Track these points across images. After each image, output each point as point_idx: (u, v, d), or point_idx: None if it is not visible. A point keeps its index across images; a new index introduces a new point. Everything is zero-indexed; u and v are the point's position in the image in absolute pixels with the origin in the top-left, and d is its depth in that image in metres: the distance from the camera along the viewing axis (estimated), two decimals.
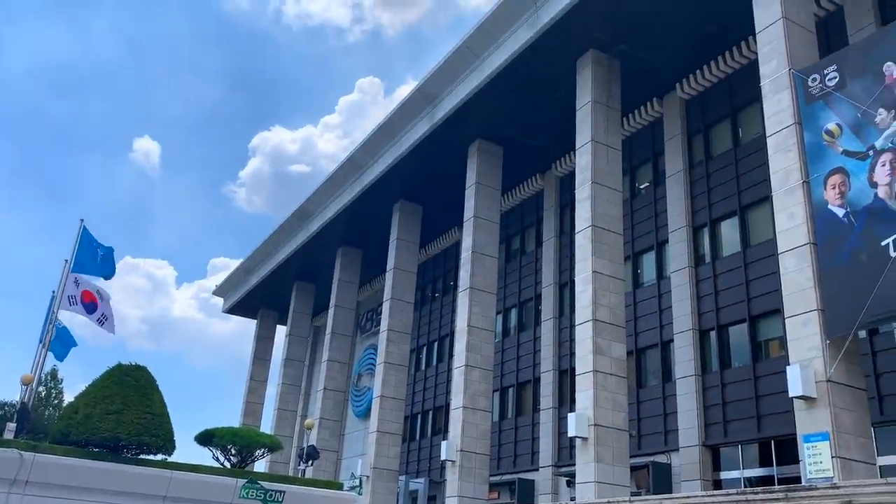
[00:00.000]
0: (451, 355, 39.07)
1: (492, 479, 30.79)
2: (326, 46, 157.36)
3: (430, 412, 42.65)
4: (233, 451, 17.18)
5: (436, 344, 44.18)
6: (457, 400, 29.65)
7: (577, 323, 24.29)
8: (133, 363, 15.43)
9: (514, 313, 37.51)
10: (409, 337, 38.32)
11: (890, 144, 16.64)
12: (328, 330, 44.28)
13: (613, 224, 25.24)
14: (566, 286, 33.44)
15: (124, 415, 14.41)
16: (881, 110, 16.98)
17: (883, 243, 16.12)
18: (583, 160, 25.99)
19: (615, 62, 27.23)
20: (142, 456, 15.00)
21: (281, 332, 55.63)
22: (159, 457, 15.28)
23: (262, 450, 17.94)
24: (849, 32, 22.61)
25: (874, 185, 16.72)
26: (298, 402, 51.88)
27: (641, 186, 31.27)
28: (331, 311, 44.57)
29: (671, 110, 29.53)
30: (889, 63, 17.07)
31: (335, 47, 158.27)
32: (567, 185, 34.44)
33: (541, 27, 26.05)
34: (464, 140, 33.24)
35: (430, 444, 41.42)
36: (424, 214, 39.70)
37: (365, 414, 46.56)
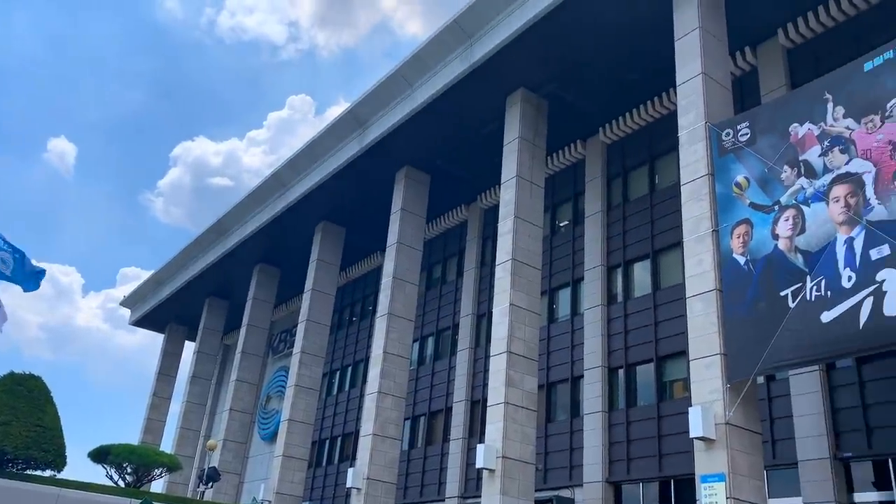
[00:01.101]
0: (364, 381, 38.70)
1: None
2: (259, 62, 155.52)
3: (339, 438, 41.98)
4: (129, 470, 16.47)
5: (349, 369, 43.67)
6: (367, 427, 29.32)
7: (491, 354, 24.50)
8: (27, 372, 14.65)
9: (430, 341, 37.52)
10: (323, 360, 37.76)
11: (794, 201, 17.63)
12: (239, 349, 43.16)
13: (533, 259, 25.71)
14: (483, 317, 33.74)
15: (12, 427, 13.65)
16: (786, 167, 18.01)
17: (782, 293, 16.97)
18: (507, 194, 26.46)
19: (543, 102, 27.98)
20: (29, 471, 14.18)
21: (189, 348, 53.92)
22: (48, 473, 14.49)
23: (161, 469, 17.27)
24: (762, 92, 23.97)
25: (776, 237, 17.64)
26: (203, 421, 50.20)
27: (561, 224, 32.03)
28: (243, 330, 43.50)
29: (593, 153, 30.48)
30: (795, 124, 18.17)
31: (268, 63, 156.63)
32: (490, 217, 34.93)
33: (474, 62, 26.57)
34: (392, 165, 33.33)
35: (336, 471, 40.70)
36: (347, 237, 39.45)
37: (271, 437, 45.42)
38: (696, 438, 17.00)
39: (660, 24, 22.63)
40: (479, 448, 22.70)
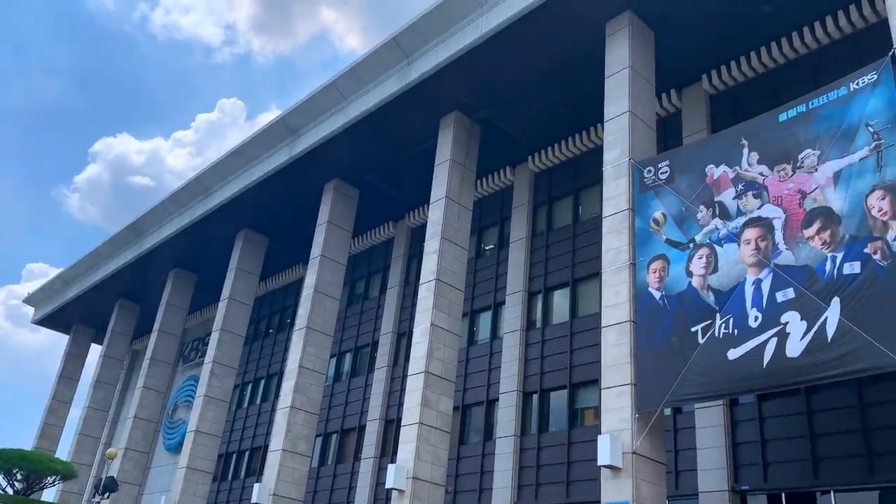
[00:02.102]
0: (277, 395, 37.86)
1: None
2: (192, 62, 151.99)
3: (247, 452, 40.86)
4: (19, 476, 15.58)
5: (262, 382, 42.68)
6: (276, 442, 28.65)
7: (409, 374, 24.39)
8: None
9: (348, 358, 37.11)
10: (235, 372, 36.79)
11: (708, 240, 18.34)
12: (148, 355, 41.63)
13: (456, 280, 25.84)
14: (404, 336, 33.61)
15: None
16: (702, 207, 18.74)
17: (693, 329, 17.58)
18: (435, 215, 26.56)
19: (476, 126, 28.31)
20: None
21: (95, 351, 51.66)
22: None
23: (54, 477, 16.43)
24: (683, 134, 24.94)
25: (690, 274, 18.30)
26: (104, 428, 48.03)
27: (487, 248, 32.34)
28: (153, 336, 42.00)
29: (522, 180, 30.99)
30: (712, 166, 18.96)
31: (201, 64, 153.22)
32: (417, 236, 34.96)
33: (410, 81, 26.68)
34: (321, 177, 32.99)
35: (241, 486, 39.55)
36: (269, 246, 38.74)
37: (176, 448, 43.80)
38: (604, 466, 17.32)
39: (592, 61, 23.29)
40: (391, 468, 22.50)
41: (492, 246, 32.10)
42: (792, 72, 23.30)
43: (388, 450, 31.50)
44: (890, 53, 16.16)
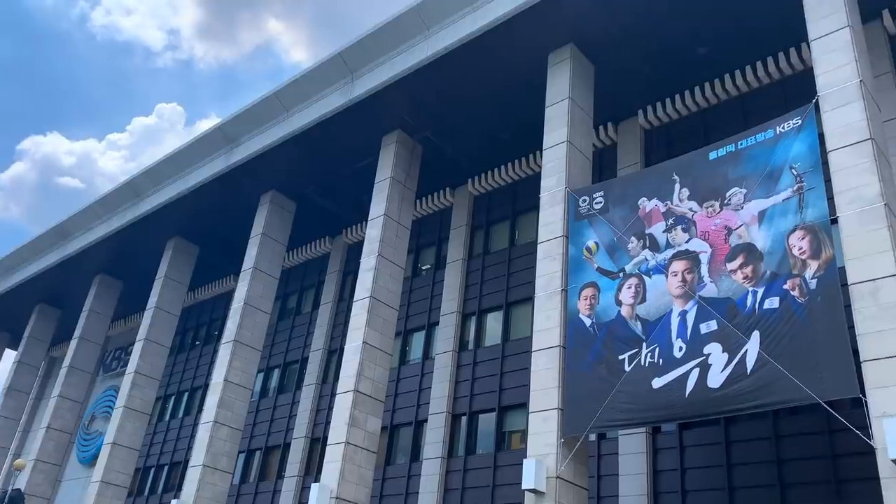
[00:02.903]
0: (200, 409, 36.83)
1: None
2: (131, 64, 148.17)
3: (166, 468, 39.54)
4: None
5: (186, 395, 41.47)
6: (197, 457, 27.82)
7: (338, 392, 24.09)
8: None
9: (276, 374, 36.43)
10: (158, 383, 35.65)
11: (637, 270, 18.81)
12: (66, 363, 39.98)
13: (391, 299, 25.73)
14: (335, 353, 33.23)
15: None
16: (633, 238, 19.23)
17: (620, 357, 17.94)
18: (373, 232, 26.47)
19: (418, 146, 28.41)
20: None
21: (9, 357, 49.28)
22: None
23: None
24: (618, 166, 25.60)
25: (619, 303, 18.70)
26: (14, 438, 45.76)
27: (423, 267, 32.37)
28: (73, 343, 40.39)
29: (461, 202, 31.22)
30: (644, 199, 19.50)
31: (140, 68, 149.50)
32: (353, 253, 34.74)
33: (353, 97, 26.64)
34: (257, 188, 32.51)
35: (158, 503, 38.20)
36: (200, 256, 37.85)
37: (91, 461, 42.06)
38: (528, 490, 17.41)
39: (534, 90, 23.75)
40: (314, 487, 22.11)
41: (428, 266, 32.15)
42: (723, 112, 24.25)
43: (312, 469, 30.95)
44: (814, 101, 16.99)
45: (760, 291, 16.07)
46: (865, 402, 13.61)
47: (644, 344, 17.65)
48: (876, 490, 13.16)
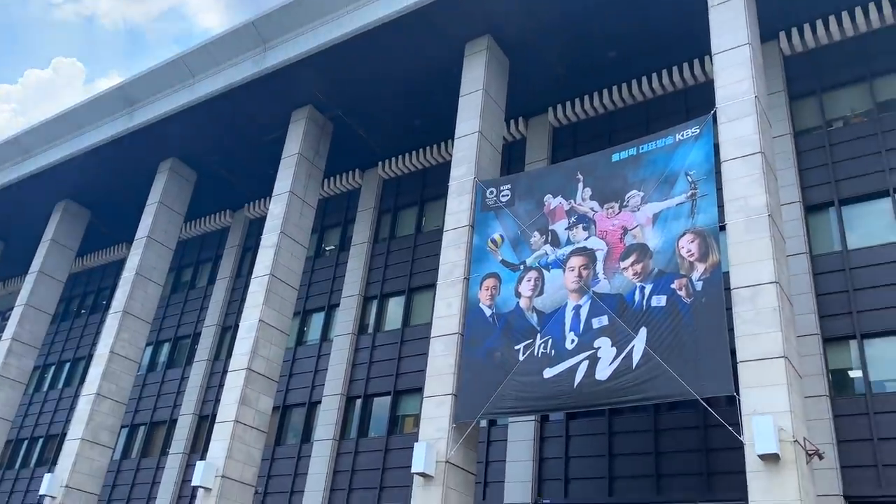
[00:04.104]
0: (82, 380, 35.21)
1: None
2: (27, 14, 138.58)
3: (41, 440, 37.57)
4: None
5: (68, 365, 39.47)
6: (76, 430, 26.59)
7: (230, 369, 23.55)
8: None
9: (166, 348, 35.20)
10: (37, 352, 33.80)
11: (537, 264, 19.26)
12: None
13: (291, 278, 25.31)
14: (229, 330, 32.42)
15: None
16: (536, 233, 19.67)
17: (516, 347, 18.35)
18: (277, 208, 25.92)
19: (329, 124, 27.99)
20: None
21: None
22: None
23: None
24: (526, 161, 26.08)
25: (518, 294, 19.11)
26: None
27: (327, 248, 31.98)
28: None
29: (369, 185, 31.00)
30: (549, 195, 19.97)
31: (38, 19, 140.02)
32: (255, 229, 33.94)
33: (264, 68, 25.96)
34: (156, 155, 31.21)
35: (30, 476, 36.28)
36: (91, 221, 36.05)
37: None
38: (417, 473, 17.59)
39: (449, 78, 23.84)
40: (199, 465, 21.55)
41: (332, 247, 31.79)
42: (629, 116, 25.09)
43: (199, 447, 30.15)
44: (712, 112, 17.83)
45: (648, 288, 16.79)
46: (738, 400, 14.47)
47: (538, 335, 18.11)
48: (743, 482, 14.03)
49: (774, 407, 13.90)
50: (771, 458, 13.49)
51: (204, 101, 27.75)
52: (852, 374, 18.28)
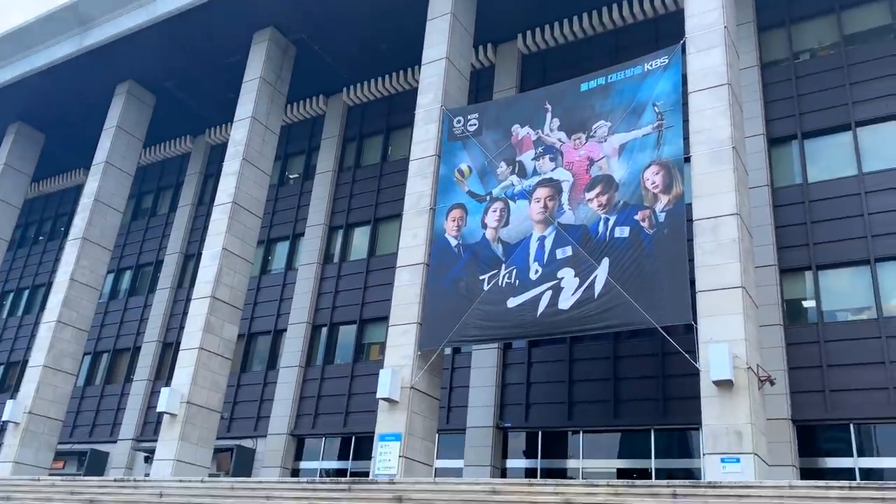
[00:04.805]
0: (43, 308, 34.75)
1: (60, 446, 27.97)
2: None
3: (1, 367, 37.29)
4: None
5: (26, 292, 38.89)
6: (37, 357, 26.42)
7: (194, 297, 23.43)
8: None
9: (127, 275, 34.80)
10: None
11: (503, 195, 19.23)
12: None
13: (255, 206, 24.99)
14: (192, 258, 32.10)
15: None
16: (503, 163, 19.58)
17: (481, 277, 18.49)
18: (238, 134, 25.34)
19: (292, 48, 27.17)
20: None
21: None
22: None
23: None
24: (494, 89, 25.72)
25: (484, 226, 19.14)
26: None
27: (291, 176, 31.53)
28: None
29: (334, 112, 30.39)
30: (517, 125, 19.79)
31: None
32: (217, 155, 33.21)
33: None
34: (112, 77, 30.09)
35: None
36: (47, 145, 34.96)
37: None
38: (382, 399, 17.90)
39: (417, 1, 23.14)
40: (164, 391, 21.64)
41: (296, 175, 31.35)
42: (598, 45, 24.75)
43: (163, 373, 30.22)
44: (681, 42, 17.66)
45: (612, 219, 16.94)
46: (696, 328, 14.87)
47: (503, 266, 18.25)
48: (697, 407, 14.54)
49: (730, 335, 14.31)
50: (725, 385, 13.97)
51: (162, 21, 26.66)
52: (806, 304, 18.86)
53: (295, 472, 24.99)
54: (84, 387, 32.74)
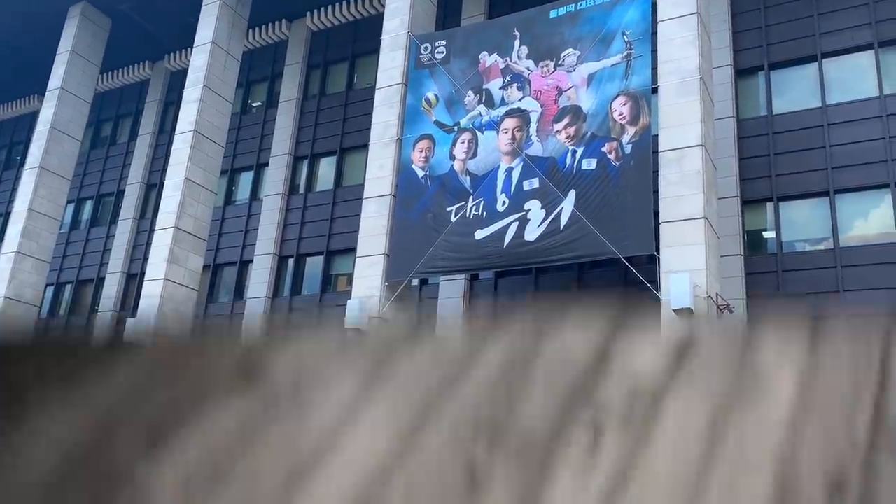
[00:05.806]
0: (1, 239, 34.02)
1: None
2: None
3: None
4: None
5: None
6: None
7: (157, 228, 23.12)
8: None
9: (88, 205, 34.09)
10: None
11: (471, 125, 19.06)
12: None
13: (217, 135, 24.46)
14: (154, 188, 31.48)
15: None
16: (470, 93, 19.32)
17: (448, 209, 18.48)
18: (198, 60, 24.57)
19: None
20: None
21: None
22: None
23: None
24: (463, 15, 25.09)
25: (452, 157, 19.02)
26: None
27: (253, 104, 30.79)
28: None
29: (297, 37, 29.51)
30: (485, 53, 19.47)
31: None
32: (177, 82, 32.16)
33: None
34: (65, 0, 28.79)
35: None
36: None
37: None
38: (349, 328, 18.02)
39: None
40: (129, 322, 21.55)
41: (259, 103, 30.61)
42: None
43: (128, 304, 30.00)
44: None
45: (580, 151, 16.94)
46: (658, 259, 15.13)
47: (471, 197, 18.24)
48: None
49: (691, 265, 14.62)
50: (685, 313, 14.33)
51: None
52: (766, 234, 19.25)
53: None
54: (48, 318, 32.42)
